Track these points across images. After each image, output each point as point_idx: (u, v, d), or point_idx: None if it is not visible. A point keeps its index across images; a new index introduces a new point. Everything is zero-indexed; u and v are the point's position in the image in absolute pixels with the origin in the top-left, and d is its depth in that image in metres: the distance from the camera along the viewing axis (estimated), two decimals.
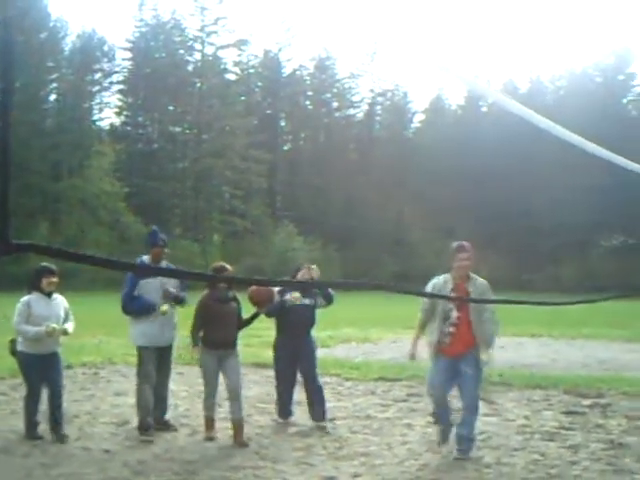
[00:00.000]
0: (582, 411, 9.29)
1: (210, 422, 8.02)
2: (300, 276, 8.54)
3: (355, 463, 7.02)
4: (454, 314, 7.20)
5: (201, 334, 7.98)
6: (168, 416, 8.53)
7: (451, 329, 7.20)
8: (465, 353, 7.15)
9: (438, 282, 7.35)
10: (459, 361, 7.16)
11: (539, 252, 57.96)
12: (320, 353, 14.77)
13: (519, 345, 17.20)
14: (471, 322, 7.15)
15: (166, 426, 8.35)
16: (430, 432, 8.10)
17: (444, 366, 7.24)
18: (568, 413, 9.15)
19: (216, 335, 7.88)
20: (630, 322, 23.00)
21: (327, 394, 10.43)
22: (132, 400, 8.48)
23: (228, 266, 8.25)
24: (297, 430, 8.42)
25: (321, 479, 6.56)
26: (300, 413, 8.78)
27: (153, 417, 8.26)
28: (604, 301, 5.55)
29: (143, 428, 8.04)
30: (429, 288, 7.36)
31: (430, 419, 8.13)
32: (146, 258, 8.38)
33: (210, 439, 7.85)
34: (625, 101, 64.94)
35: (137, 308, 8.13)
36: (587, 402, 9.78)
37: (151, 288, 8.12)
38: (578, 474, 6.67)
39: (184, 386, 10.38)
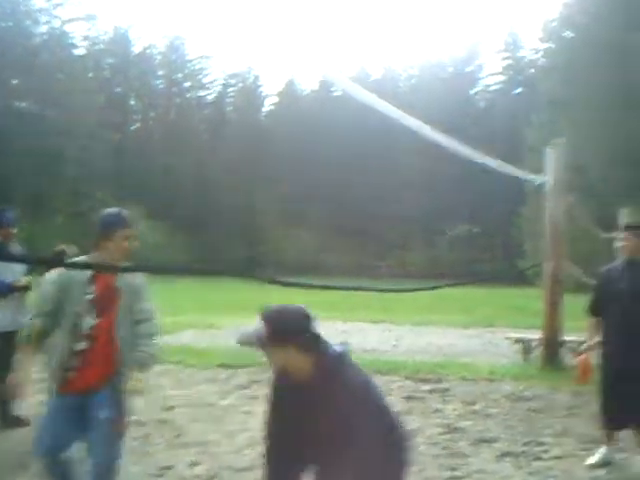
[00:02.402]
0: (422, 396, 9.45)
1: None
2: None
3: (193, 451, 6.89)
4: (88, 322, 4.59)
5: None
6: None
7: (82, 345, 4.58)
8: (97, 387, 4.57)
9: (65, 272, 4.66)
10: (88, 400, 4.56)
11: (387, 238, 59.12)
12: (163, 340, 14.56)
13: (361, 331, 17.40)
14: (114, 336, 4.58)
15: (18, 421, 7.67)
16: None
17: (64, 409, 4.60)
18: (408, 398, 9.28)
19: None
20: (469, 308, 23.82)
21: (167, 381, 10.23)
22: None
23: (68, 249, 7.81)
24: (134, 419, 8.19)
25: (158, 469, 6.39)
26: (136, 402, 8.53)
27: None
28: (442, 288, 5.62)
29: None
30: (48, 280, 4.92)
31: None
32: None
33: None
34: (473, 92, 67.03)
35: None
36: (427, 387, 9.97)
37: (2, 269, 7.53)
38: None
39: None
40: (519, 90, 61.94)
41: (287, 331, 3.44)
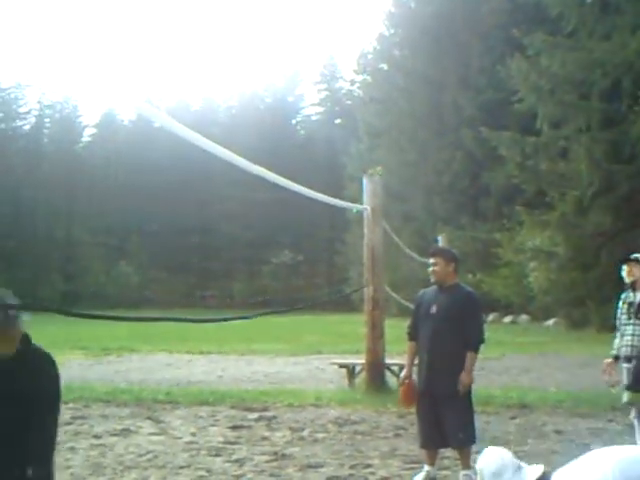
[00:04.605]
0: (248, 425, 9.39)
1: None
2: None
3: None
4: None
5: None
6: None
7: None
8: None
9: None
10: None
11: (212, 269, 58.85)
12: None
13: (189, 362, 17.25)
14: None
15: None
16: (95, 454, 7.82)
17: None
18: (234, 427, 9.20)
19: None
20: (296, 336, 24.02)
21: None
22: None
23: None
24: None
25: None
26: None
27: None
28: (255, 318, 5.60)
29: None
30: None
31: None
32: None
33: None
34: (294, 122, 67.93)
35: None
36: (253, 416, 9.92)
37: None
38: None
39: None
40: (338, 120, 63.27)
41: None
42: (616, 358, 7.50)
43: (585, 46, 25.58)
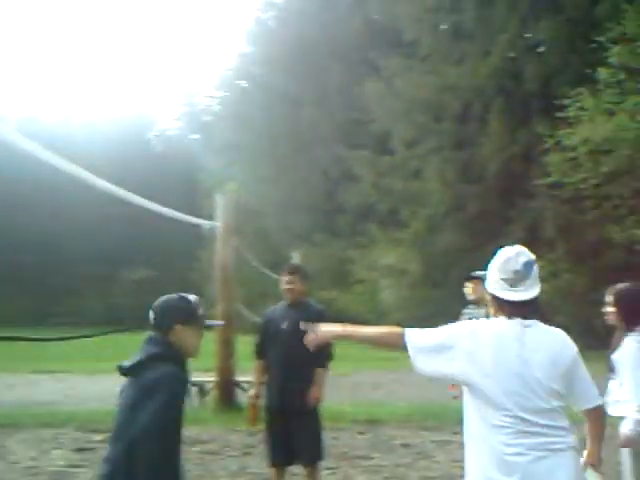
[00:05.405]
0: (93, 447, 9.09)
1: None
2: None
3: None
4: None
5: None
6: None
7: None
8: None
9: None
10: None
11: (61, 286, 57.05)
12: None
13: (34, 383, 16.59)
14: None
15: None
16: None
17: None
18: (79, 450, 8.91)
19: None
20: None
21: None
22: None
23: None
24: None
25: None
26: None
27: None
28: (98, 336, 5.43)
29: None
30: None
31: None
32: None
33: None
34: (150, 136, 67.03)
35: None
36: (99, 437, 9.61)
37: None
38: None
39: None
40: (196, 136, 62.81)
41: None
42: None
43: (439, 70, 26.37)
